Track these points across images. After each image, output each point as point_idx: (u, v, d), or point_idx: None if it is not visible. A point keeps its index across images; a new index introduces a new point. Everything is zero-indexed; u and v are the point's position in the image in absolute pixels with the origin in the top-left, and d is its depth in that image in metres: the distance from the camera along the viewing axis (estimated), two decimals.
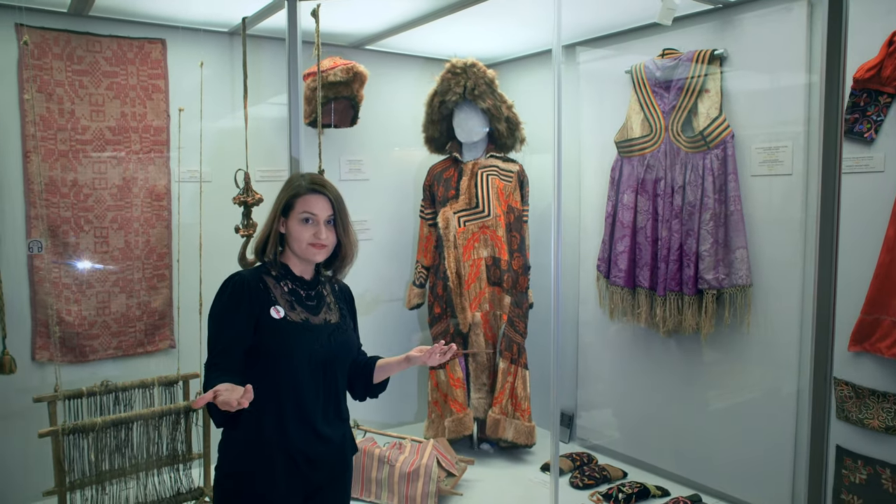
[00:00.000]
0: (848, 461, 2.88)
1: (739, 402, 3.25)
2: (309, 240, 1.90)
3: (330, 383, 1.95)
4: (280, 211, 1.93)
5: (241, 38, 3.31)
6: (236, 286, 1.86)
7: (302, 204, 1.91)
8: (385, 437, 3.66)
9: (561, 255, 2.82)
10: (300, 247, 1.92)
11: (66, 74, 3.24)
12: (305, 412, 1.89)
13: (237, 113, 3.61)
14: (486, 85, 3.70)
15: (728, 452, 3.30)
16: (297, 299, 1.93)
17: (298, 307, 1.92)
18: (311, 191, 1.93)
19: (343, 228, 1.97)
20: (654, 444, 3.67)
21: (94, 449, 2.86)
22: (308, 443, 1.90)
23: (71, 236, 3.28)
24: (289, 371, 1.86)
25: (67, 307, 3.28)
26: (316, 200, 1.92)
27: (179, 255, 3.35)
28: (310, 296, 1.97)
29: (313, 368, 1.89)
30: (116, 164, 3.38)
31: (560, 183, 2.81)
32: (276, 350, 1.84)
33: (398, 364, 2.09)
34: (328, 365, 1.92)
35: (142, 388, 3.13)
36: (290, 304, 1.90)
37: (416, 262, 4.10)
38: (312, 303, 1.97)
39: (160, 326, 3.53)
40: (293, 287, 1.95)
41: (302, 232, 1.91)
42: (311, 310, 1.95)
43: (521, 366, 3.83)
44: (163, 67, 3.48)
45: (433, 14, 3.38)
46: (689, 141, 3.27)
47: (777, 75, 3.03)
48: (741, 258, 3.13)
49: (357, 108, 3.77)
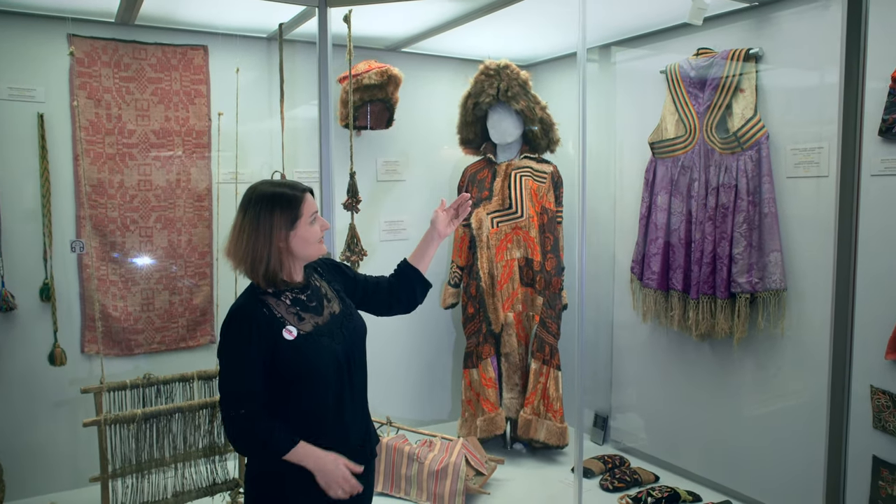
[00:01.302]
0: (885, 472, 2.80)
1: (773, 407, 3.18)
2: (319, 236, 1.91)
3: (356, 374, 1.96)
4: (288, 226, 1.84)
5: (278, 43, 3.42)
6: (242, 321, 1.79)
7: (307, 207, 1.88)
8: (416, 435, 3.72)
9: (585, 256, 2.82)
10: (312, 248, 1.90)
11: (114, 81, 3.40)
12: (340, 417, 1.90)
13: (274, 116, 3.72)
14: (520, 86, 3.72)
15: (761, 458, 3.24)
16: (302, 307, 1.88)
17: (306, 315, 1.88)
18: (303, 192, 1.89)
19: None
20: (687, 449, 3.63)
21: (135, 438, 3.00)
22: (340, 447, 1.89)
23: (117, 235, 3.44)
24: (321, 383, 1.85)
25: (114, 303, 3.44)
26: (310, 198, 1.92)
27: (219, 254, 3.47)
28: (310, 297, 1.92)
29: (338, 368, 1.89)
30: (160, 166, 3.52)
31: (584, 183, 2.81)
32: (303, 369, 1.82)
33: (426, 243, 2.20)
34: (350, 356, 1.93)
35: (182, 382, 3.25)
36: (297, 316, 1.86)
37: (451, 261, 4.14)
38: (314, 303, 1.92)
39: (201, 322, 3.67)
40: (294, 296, 1.89)
41: (314, 232, 1.90)
42: (316, 311, 1.91)
43: (554, 367, 3.83)
44: (205, 73, 3.60)
45: (466, 16, 3.41)
46: (722, 142, 3.22)
47: (813, 74, 2.95)
48: (775, 262, 3.07)
49: (392, 110, 3.83)
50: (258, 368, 1.78)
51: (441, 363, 4.46)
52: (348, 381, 1.93)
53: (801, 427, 3.06)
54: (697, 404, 3.54)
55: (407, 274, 2.19)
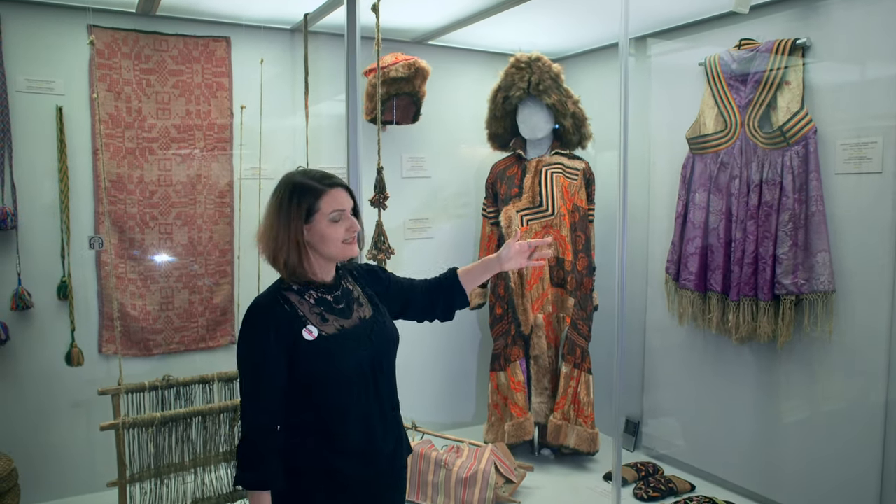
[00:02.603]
0: None
1: (819, 414, 3.03)
2: (343, 237, 1.76)
3: (382, 385, 1.84)
4: (303, 218, 1.73)
5: (303, 34, 3.32)
6: (259, 319, 1.71)
7: (329, 203, 1.74)
8: (443, 440, 3.60)
9: (626, 257, 2.69)
10: (333, 248, 1.76)
11: (135, 73, 3.30)
12: (365, 419, 1.78)
13: (298, 110, 3.61)
14: (552, 80, 3.59)
15: (805, 469, 3.09)
16: (327, 308, 1.77)
17: (330, 317, 1.77)
18: (331, 186, 1.76)
19: (360, 216, 1.85)
20: (725, 457, 3.48)
21: (153, 443, 2.90)
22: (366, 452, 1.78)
23: (136, 232, 3.34)
24: (342, 389, 1.74)
25: (133, 302, 3.35)
26: (339, 195, 1.76)
27: (240, 252, 3.37)
28: (338, 298, 1.81)
29: (362, 376, 1.77)
30: (181, 161, 3.43)
31: (626, 181, 2.68)
32: (322, 374, 1.71)
33: (482, 268, 2.04)
34: (377, 365, 1.81)
35: (202, 384, 3.15)
36: (320, 317, 1.75)
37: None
38: (342, 305, 1.81)
39: (221, 322, 3.56)
40: (320, 296, 1.78)
41: (335, 231, 1.74)
42: (343, 314, 1.80)
43: (585, 370, 3.70)
44: (227, 65, 3.50)
45: (496, 7, 3.29)
46: (766, 137, 3.08)
47: (867, 66, 2.80)
48: (823, 262, 2.92)
49: (419, 104, 3.71)
50: (277, 372, 1.67)
51: (465, 365, 4.34)
52: (374, 390, 1.80)
53: (851, 435, 2.91)
54: (736, 410, 3.39)
55: (453, 286, 2.05)
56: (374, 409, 1.80)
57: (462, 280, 2.05)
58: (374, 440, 1.78)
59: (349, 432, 1.74)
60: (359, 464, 1.76)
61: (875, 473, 2.83)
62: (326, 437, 1.73)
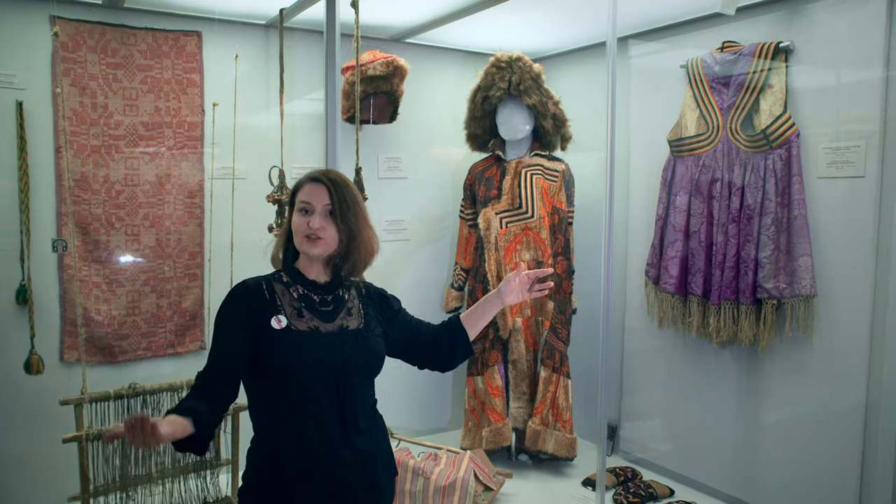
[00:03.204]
0: None
1: (800, 419, 3.02)
2: (304, 231, 1.74)
3: (346, 396, 1.76)
4: (291, 209, 1.82)
5: (278, 30, 3.21)
6: (237, 296, 1.75)
7: (301, 194, 1.77)
8: (420, 448, 3.52)
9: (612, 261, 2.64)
10: (298, 241, 1.77)
11: (100, 68, 3.16)
12: (324, 431, 1.73)
13: (272, 108, 3.50)
14: (532, 80, 3.53)
15: (785, 473, 3.08)
16: (308, 305, 1.77)
17: (308, 314, 1.76)
18: (310, 180, 1.78)
19: (344, 220, 1.75)
20: (704, 461, 3.46)
21: (119, 454, 2.77)
22: (327, 466, 1.73)
23: (101, 234, 3.20)
24: (299, 386, 1.70)
25: (97, 306, 3.20)
26: (313, 189, 1.76)
27: (211, 255, 3.25)
28: (325, 301, 1.80)
29: (325, 381, 1.72)
30: (149, 160, 3.29)
31: (612, 184, 2.63)
32: (279, 363, 1.70)
33: (483, 307, 1.99)
34: (342, 375, 1.74)
35: (170, 391, 3.03)
36: (297, 311, 1.75)
37: (454, 263, 3.95)
38: (327, 308, 1.79)
39: (190, 327, 3.43)
40: (305, 292, 1.79)
41: (299, 224, 1.76)
42: (325, 316, 1.77)
43: (564, 374, 3.65)
44: (198, 61, 3.38)
45: (476, 6, 3.22)
46: (749, 140, 3.06)
47: (850, 70, 2.80)
48: (805, 266, 2.91)
49: (397, 103, 3.63)
50: (236, 346, 1.69)
51: None
52: (336, 403, 1.74)
53: (831, 439, 2.90)
54: (716, 414, 3.37)
55: (454, 332, 1.99)
56: (331, 422, 1.74)
57: (465, 323, 1.99)
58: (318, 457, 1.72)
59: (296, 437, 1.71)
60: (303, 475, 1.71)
61: (855, 478, 2.83)
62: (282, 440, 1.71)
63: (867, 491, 2.81)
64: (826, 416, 2.92)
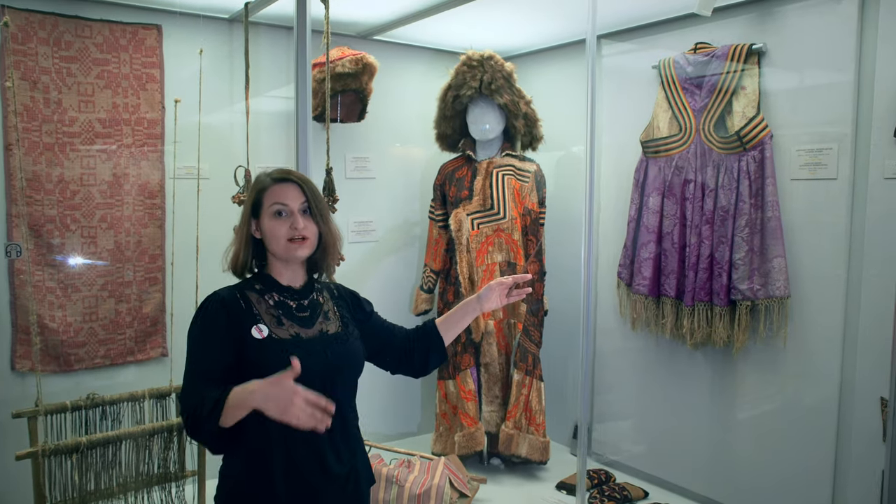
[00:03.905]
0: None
1: (773, 420, 3.04)
2: (287, 234, 1.67)
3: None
4: (250, 213, 1.72)
5: (243, 25, 3.09)
6: (211, 309, 1.66)
7: (270, 196, 1.69)
8: (393, 454, 3.44)
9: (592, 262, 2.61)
10: (279, 246, 1.69)
11: (53, 61, 2.99)
12: (311, 439, 1.65)
13: (236, 106, 3.38)
14: (504, 79, 3.48)
15: (759, 473, 3.10)
16: (286, 312, 1.71)
17: (287, 321, 1.69)
18: (276, 181, 1.71)
19: (321, 217, 1.73)
20: (678, 463, 3.46)
21: (77, 470, 2.62)
22: (317, 478, 1.67)
23: (56, 236, 3.03)
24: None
25: (51, 313, 3.04)
26: (284, 189, 1.70)
27: (174, 258, 3.11)
28: (301, 306, 1.74)
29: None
30: (106, 158, 3.13)
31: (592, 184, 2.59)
32: (263, 374, 1.58)
33: (461, 313, 1.90)
34: (327, 382, 1.68)
35: (131, 402, 2.89)
36: (276, 319, 1.68)
37: (424, 265, 3.87)
38: (305, 314, 1.73)
39: (152, 333, 3.29)
40: (280, 299, 1.72)
41: (277, 228, 1.68)
42: (304, 322, 1.72)
43: (536, 377, 3.61)
44: (158, 56, 3.23)
45: (446, 3, 3.15)
46: (722, 141, 3.06)
47: (822, 72, 2.82)
48: (779, 268, 2.92)
49: (365, 101, 3.54)
50: (218, 358, 1.60)
51: None
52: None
53: (805, 439, 2.92)
54: (690, 415, 3.38)
55: (429, 337, 1.92)
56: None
57: (440, 328, 1.92)
58: (321, 460, 1.67)
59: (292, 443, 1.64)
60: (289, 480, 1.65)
61: (828, 478, 2.85)
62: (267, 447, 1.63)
63: (840, 491, 2.84)
64: (799, 416, 2.94)
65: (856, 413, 2.77)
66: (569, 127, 3.85)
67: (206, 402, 1.51)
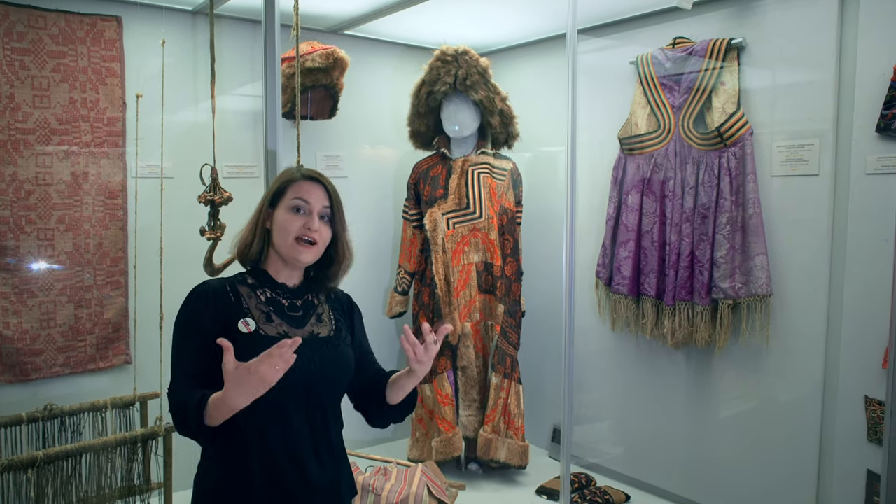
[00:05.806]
0: (879, 487, 2.65)
1: (756, 419, 3.00)
2: (297, 232, 1.61)
3: (316, 409, 1.64)
4: (268, 201, 1.67)
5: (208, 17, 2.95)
6: (199, 297, 1.60)
7: (295, 190, 1.64)
8: (368, 462, 3.33)
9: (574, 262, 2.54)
10: (286, 241, 1.61)
11: (5, 53, 2.83)
12: (292, 446, 1.59)
13: (201, 102, 3.24)
14: (479, 75, 3.39)
15: (743, 474, 3.05)
16: (277, 309, 1.64)
17: (277, 318, 1.63)
18: (306, 178, 1.67)
19: (341, 226, 1.69)
20: (660, 465, 3.41)
21: (34, 486, 2.47)
22: (296, 485, 1.59)
23: (10, 239, 2.87)
24: (268, 399, 1.50)
25: (5, 319, 2.87)
26: (311, 188, 1.65)
27: (136, 261, 2.96)
28: (294, 305, 1.67)
29: (295, 392, 1.58)
30: (64, 157, 2.98)
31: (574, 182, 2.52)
32: None
33: (406, 377, 1.73)
34: (313, 386, 1.61)
35: (92, 412, 2.76)
36: (265, 315, 1.62)
37: (398, 266, 3.77)
38: (297, 313, 1.66)
39: (114, 340, 3.13)
40: (273, 296, 1.66)
41: (291, 222, 1.61)
42: (294, 321, 1.65)
43: (515, 380, 3.54)
44: (118, 49, 3.08)
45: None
46: (702, 138, 3.01)
47: (803, 68, 2.78)
48: (760, 265, 2.88)
49: (336, 98, 3.43)
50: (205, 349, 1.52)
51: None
52: (307, 414, 1.62)
53: (788, 439, 2.88)
54: (671, 417, 3.33)
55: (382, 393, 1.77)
56: (301, 438, 1.61)
57: (389, 388, 1.75)
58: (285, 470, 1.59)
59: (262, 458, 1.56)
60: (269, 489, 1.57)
61: (812, 478, 2.82)
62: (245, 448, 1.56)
63: (825, 491, 2.80)
64: (783, 415, 2.91)
65: (839, 412, 2.74)
66: (546, 124, 3.77)
67: (188, 405, 1.45)
